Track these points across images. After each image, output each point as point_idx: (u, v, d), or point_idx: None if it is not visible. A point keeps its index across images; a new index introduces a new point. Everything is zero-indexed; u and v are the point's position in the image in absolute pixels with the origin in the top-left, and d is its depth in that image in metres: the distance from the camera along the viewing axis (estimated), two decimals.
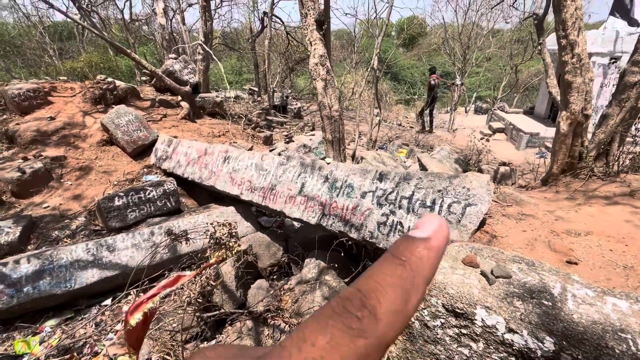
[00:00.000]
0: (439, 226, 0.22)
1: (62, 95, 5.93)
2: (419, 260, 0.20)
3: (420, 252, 0.20)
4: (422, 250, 0.21)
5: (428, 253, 0.21)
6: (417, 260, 0.20)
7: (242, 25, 18.45)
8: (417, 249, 0.21)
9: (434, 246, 0.21)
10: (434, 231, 0.22)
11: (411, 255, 0.20)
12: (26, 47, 14.18)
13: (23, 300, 2.87)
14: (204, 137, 6.23)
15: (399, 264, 0.20)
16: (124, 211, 3.67)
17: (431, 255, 0.21)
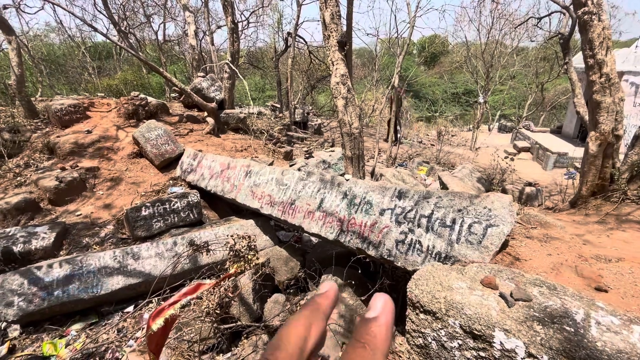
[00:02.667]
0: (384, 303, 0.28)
1: (99, 110, 6.35)
2: (374, 338, 0.25)
3: (374, 331, 0.26)
4: (374, 329, 0.26)
5: (379, 330, 0.26)
6: (372, 339, 0.25)
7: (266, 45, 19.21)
8: (371, 329, 0.26)
9: (382, 323, 0.26)
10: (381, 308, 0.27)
11: (367, 336, 0.25)
12: (69, 65, 15.34)
13: (53, 304, 3.01)
14: (227, 151, 6.44)
15: (360, 347, 0.25)
16: (150, 221, 3.83)
17: (382, 330, 0.26)
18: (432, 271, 1.49)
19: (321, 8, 3.71)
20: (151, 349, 1.71)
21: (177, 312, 1.71)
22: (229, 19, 7.29)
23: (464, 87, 24.53)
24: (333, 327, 2.71)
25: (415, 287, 1.43)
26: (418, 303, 1.34)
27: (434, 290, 1.29)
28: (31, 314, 2.97)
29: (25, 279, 3.00)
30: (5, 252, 3.42)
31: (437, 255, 2.14)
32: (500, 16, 13.04)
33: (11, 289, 2.95)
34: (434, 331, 1.25)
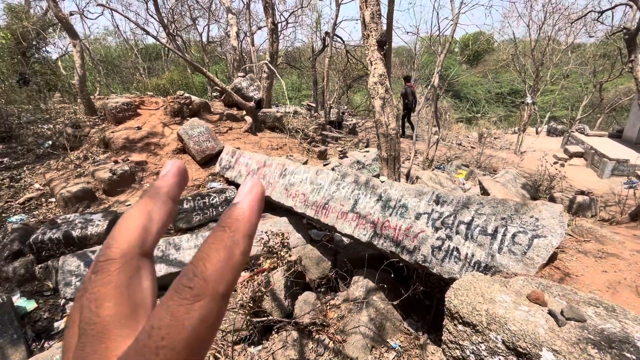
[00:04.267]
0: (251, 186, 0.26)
1: (148, 108, 6.80)
2: (235, 221, 0.24)
3: (236, 214, 0.24)
4: (236, 212, 0.24)
5: (242, 212, 0.24)
6: (234, 222, 0.23)
7: (304, 44, 19.44)
8: (234, 213, 0.24)
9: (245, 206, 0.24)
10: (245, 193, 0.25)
11: (229, 219, 0.24)
12: (123, 66, 16.58)
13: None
14: (264, 149, 6.61)
15: (220, 230, 0.23)
16: (191, 214, 4.03)
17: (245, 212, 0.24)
18: (472, 281, 1.42)
19: (361, 7, 3.68)
20: None
21: None
22: (269, 20, 7.47)
23: (510, 87, 23.12)
24: (363, 331, 2.69)
25: (455, 297, 1.37)
26: (457, 314, 1.28)
27: (474, 301, 1.23)
28: None
29: (81, 262, 3.29)
30: (66, 236, 3.78)
31: (476, 264, 2.04)
32: (555, 10, 12.10)
33: (70, 269, 3.26)
34: (473, 344, 1.19)
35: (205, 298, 0.21)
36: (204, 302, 0.21)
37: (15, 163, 5.58)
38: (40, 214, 4.62)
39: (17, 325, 2.91)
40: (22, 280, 3.59)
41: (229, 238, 0.23)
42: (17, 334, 2.87)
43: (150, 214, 0.27)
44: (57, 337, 3.04)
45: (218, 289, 0.21)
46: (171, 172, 0.29)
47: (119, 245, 0.25)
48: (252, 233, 0.24)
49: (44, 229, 3.85)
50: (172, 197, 0.29)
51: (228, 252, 0.22)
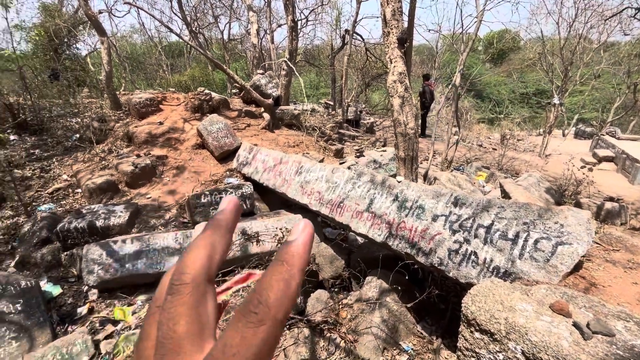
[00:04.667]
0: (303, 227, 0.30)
1: (169, 104, 6.97)
2: (292, 257, 0.27)
3: (292, 251, 0.28)
4: (292, 249, 0.28)
5: (297, 249, 0.28)
6: (291, 257, 0.27)
7: (323, 42, 19.39)
8: (291, 249, 0.28)
9: (300, 243, 0.28)
10: (299, 232, 0.29)
11: (286, 255, 0.28)
12: (147, 63, 17.06)
13: (124, 275, 3.39)
14: (280, 146, 6.65)
15: (279, 264, 0.27)
16: (208, 208, 4.11)
17: (299, 249, 0.28)
18: (491, 288, 1.37)
19: (382, 4, 3.62)
20: None
21: (229, 298, 1.80)
22: (289, 18, 7.49)
23: (536, 87, 22.26)
24: (375, 332, 2.66)
25: (472, 303, 1.33)
26: (474, 321, 1.24)
27: (493, 308, 1.19)
28: (107, 282, 3.37)
29: (104, 251, 3.41)
30: (90, 226, 3.93)
31: (495, 270, 1.97)
32: (587, 7, 11.52)
33: (93, 258, 3.39)
34: (490, 353, 1.15)
35: (268, 322, 0.25)
36: (267, 326, 0.25)
37: (45, 155, 5.86)
38: (67, 204, 4.83)
39: (43, 309, 3.06)
40: (49, 266, 3.76)
41: (287, 272, 0.27)
42: (44, 317, 3.01)
43: (213, 244, 0.30)
44: (79, 322, 3.17)
45: (278, 316, 0.26)
46: (229, 208, 0.33)
47: (190, 272, 0.28)
48: (305, 267, 0.29)
49: (70, 219, 4.02)
50: (230, 230, 0.33)
51: (286, 284, 0.27)
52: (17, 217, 4.54)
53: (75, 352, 2.64)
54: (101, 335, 2.95)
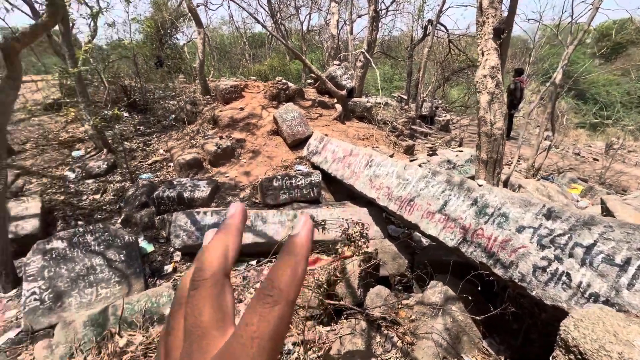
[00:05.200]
0: (304, 222, 0.34)
1: (250, 92, 7.46)
2: (296, 247, 0.32)
3: (297, 242, 0.32)
4: (297, 240, 0.33)
5: (301, 240, 0.33)
6: (295, 248, 0.32)
7: (402, 33, 18.64)
8: (296, 241, 0.32)
9: (302, 235, 0.33)
10: (301, 227, 0.34)
11: (292, 246, 0.32)
12: (233, 52, 18.44)
13: (203, 242, 3.79)
14: (350, 138, 6.65)
15: (286, 254, 0.32)
16: (278, 192, 4.34)
17: (302, 241, 0.33)
18: (601, 316, 1.19)
19: None
20: None
21: None
22: (371, 8, 7.35)
23: None
24: (435, 338, 2.55)
25: (575, 328, 1.18)
26: (576, 348, 1.10)
27: (603, 339, 1.03)
28: (188, 247, 3.81)
29: (188, 219, 3.85)
30: (179, 196, 4.47)
31: (593, 296, 1.72)
32: None
33: (179, 224, 3.85)
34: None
35: (282, 302, 0.29)
36: (281, 305, 0.29)
37: (148, 131, 6.79)
38: (162, 175, 5.55)
39: (139, 262, 3.60)
40: (145, 226, 4.40)
41: (294, 260, 0.32)
42: (139, 269, 3.54)
43: (227, 244, 0.35)
44: (165, 278, 3.66)
45: (290, 297, 0.30)
46: (237, 213, 0.38)
47: (209, 269, 0.32)
48: (308, 256, 0.33)
49: (164, 188, 4.62)
50: (240, 231, 0.37)
51: (294, 270, 0.31)
52: (124, 182, 5.37)
53: (161, 302, 3.05)
54: None
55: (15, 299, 3.33)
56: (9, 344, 2.88)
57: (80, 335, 2.74)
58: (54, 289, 3.20)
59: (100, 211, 4.80)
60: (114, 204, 4.95)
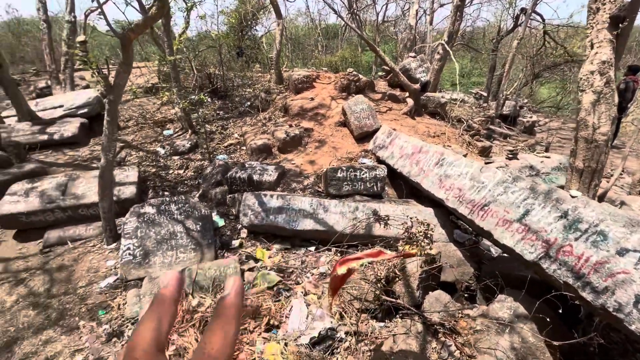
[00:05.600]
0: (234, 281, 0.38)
1: (321, 83, 7.57)
2: (226, 309, 0.35)
3: (226, 304, 0.35)
4: (226, 302, 0.35)
5: (230, 301, 0.36)
6: (225, 309, 0.35)
7: (487, 24, 17.02)
8: (225, 303, 0.35)
9: (231, 296, 0.36)
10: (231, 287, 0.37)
11: (221, 308, 0.35)
12: (306, 43, 18.85)
13: (267, 223, 4.02)
14: (419, 135, 6.37)
15: (216, 317, 0.35)
16: (341, 183, 4.38)
17: (232, 301, 0.36)
18: None
19: None
20: (331, 287, 2.01)
21: (357, 267, 1.90)
22: None
23: None
24: (499, 356, 2.36)
25: None
26: None
27: None
28: (254, 226, 4.08)
29: (256, 200, 4.11)
30: (249, 178, 4.79)
31: None
32: None
33: (248, 204, 4.13)
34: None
35: None
36: None
37: (226, 116, 7.36)
38: (235, 157, 6.00)
39: (212, 234, 3.97)
40: (219, 203, 4.81)
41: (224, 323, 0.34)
42: (212, 240, 3.91)
43: (159, 318, 0.35)
44: (232, 251, 3.98)
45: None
46: (172, 283, 0.38)
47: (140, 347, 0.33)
48: (239, 315, 0.36)
49: (236, 169, 4.99)
50: (175, 302, 0.37)
51: (224, 334, 0.34)
52: (204, 161, 5.93)
53: (228, 273, 3.33)
54: (245, 267, 3.63)
55: (115, 251, 3.94)
56: (108, 288, 3.44)
57: None
58: (143, 248, 3.71)
59: (182, 185, 5.39)
60: (194, 179, 5.51)
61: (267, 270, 3.50)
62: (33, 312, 3.16)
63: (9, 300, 3.33)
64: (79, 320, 3.05)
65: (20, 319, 3.10)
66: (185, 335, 2.63)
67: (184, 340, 2.61)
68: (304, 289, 3.27)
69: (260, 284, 3.26)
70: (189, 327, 2.69)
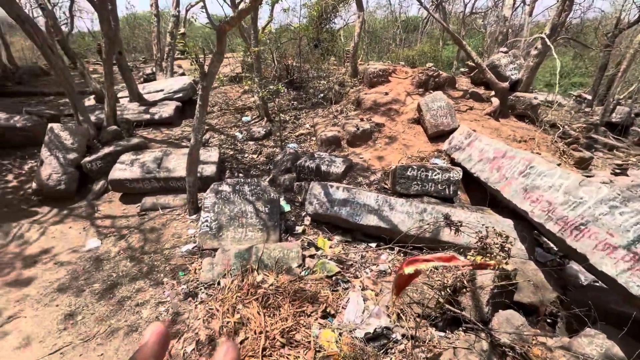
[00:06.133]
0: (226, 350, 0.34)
1: (397, 77, 7.33)
2: None
3: None
4: None
5: None
6: None
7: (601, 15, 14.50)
8: None
9: None
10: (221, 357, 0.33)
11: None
12: (384, 37, 18.39)
13: (331, 214, 4.08)
14: (502, 138, 5.79)
15: None
16: (410, 182, 4.22)
17: None
18: None
19: None
20: (395, 285, 1.96)
21: (425, 269, 1.82)
22: None
23: None
24: None
25: None
26: None
27: None
28: (318, 215, 4.18)
29: (322, 190, 4.20)
30: (317, 168, 4.90)
31: None
32: None
33: (314, 193, 4.24)
34: None
35: None
36: None
37: (299, 106, 7.61)
38: (305, 147, 6.19)
39: (278, 218, 4.18)
40: (286, 189, 5.04)
41: None
42: (277, 223, 4.12)
43: None
44: (295, 237, 4.15)
45: None
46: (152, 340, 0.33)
47: None
48: None
49: (305, 158, 5.15)
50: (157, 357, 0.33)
51: None
52: (275, 147, 6.24)
53: (291, 257, 3.49)
54: (307, 253, 3.75)
55: (195, 221, 4.41)
56: (188, 253, 3.87)
57: (231, 262, 3.44)
58: (218, 222, 4.08)
59: (255, 168, 5.76)
60: (265, 164, 5.85)
61: (327, 260, 3.58)
62: (130, 264, 3.72)
63: (113, 250, 3.98)
64: (163, 277, 3.51)
65: (120, 267, 3.68)
66: (249, 306, 2.84)
67: (247, 311, 2.83)
68: (362, 284, 3.26)
69: (319, 272, 3.35)
70: (252, 300, 2.90)
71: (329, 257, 3.67)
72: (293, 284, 3.15)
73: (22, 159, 5.91)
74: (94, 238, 4.26)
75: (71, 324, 2.96)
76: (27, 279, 3.60)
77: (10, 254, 4.02)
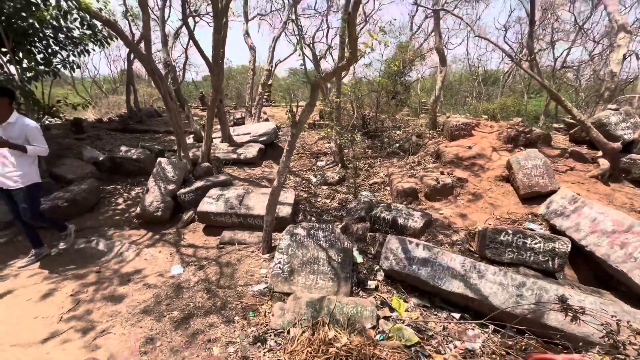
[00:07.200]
0: None
1: (481, 131, 6.97)
2: None
3: None
4: None
5: None
6: None
7: None
8: None
9: None
10: None
11: None
12: (462, 89, 18.15)
13: (408, 272, 3.77)
14: (616, 206, 4.92)
15: None
16: (504, 248, 3.74)
17: None
18: None
19: None
20: None
21: None
22: None
23: None
24: None
25: None
26: None
27: None
28: (394, 271, 3.90)
29: (400, 246, 3.95)
30: (393, 221, 4.70)
31: None
32: None
33: (391, 247, 4.01)
34: None
35: None
36: None
37: (374, 155, 7.65)
38: (378, 196, 6.06)
39: (350, 268, 4.00)
40: (359, 238, 4.88)
41: None
42: (349, 274, 3.93)
43: None
44: (367, 292, 3.89)
45: None
46: None
47: None
48: None
49: (381, 209, 5.00)
50: None
51: None
52: (348, 194, 6.24)
53: (364, 315, 3.24)
54: (380, 313, 3.46)
55: (267, 261, 4.47)
56: (259, 293, 3.88)
57: (302, 311, 3.33)
58: (290, 265, 4.06)
59: (327, 213, 5.77)
60: (337, 210, 5.83)
61: (404, 325, 3.23)
62: (206, 296, 3.85)
63: (193, 280, 4.19)
64: (234, 315, 3.52)
65: (197, 298, 3.82)
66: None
67: None
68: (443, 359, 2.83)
69: (396, 339, 3.02)
70: (323, 359, 2.69)
71: (406, 323, 3.32)
72: (367, 347, 2.88)
73: (132, 185, 6.89)
74: (177, 265, 4.57)
75: (151, 348, 3.09)
76: (120, 296, 3.95)
77: (110, 270, 4.51)
